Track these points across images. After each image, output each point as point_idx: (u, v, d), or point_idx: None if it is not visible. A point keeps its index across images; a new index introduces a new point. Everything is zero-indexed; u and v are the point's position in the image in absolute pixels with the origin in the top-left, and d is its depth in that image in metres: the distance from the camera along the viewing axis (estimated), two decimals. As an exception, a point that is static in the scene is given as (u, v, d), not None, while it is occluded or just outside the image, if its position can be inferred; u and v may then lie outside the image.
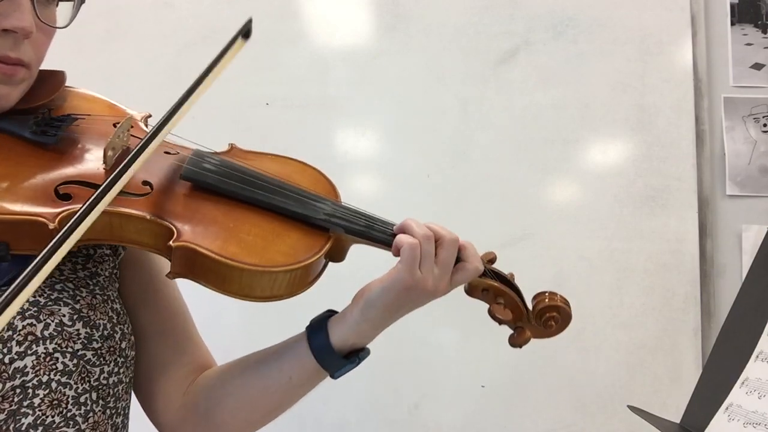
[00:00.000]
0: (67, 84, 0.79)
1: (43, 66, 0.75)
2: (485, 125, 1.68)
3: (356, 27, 1.72)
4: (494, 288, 0.79)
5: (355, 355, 0.75)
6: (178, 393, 0.82)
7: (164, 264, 0.86)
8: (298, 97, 1.68)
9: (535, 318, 0.80)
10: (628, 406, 0.95)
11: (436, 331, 1.61)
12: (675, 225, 1.64)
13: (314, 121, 1.68)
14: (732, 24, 1.73)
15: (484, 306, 0.82)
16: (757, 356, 0.79)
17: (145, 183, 0.70)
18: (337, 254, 0.76)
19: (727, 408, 0.78)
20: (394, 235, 0.74)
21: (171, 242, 0.65)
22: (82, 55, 1.67)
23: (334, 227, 0.73)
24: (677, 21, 1.69)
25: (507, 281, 0.81)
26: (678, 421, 0.87)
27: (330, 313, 0.77)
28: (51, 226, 0.62)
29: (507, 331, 0.84)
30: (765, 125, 1.69)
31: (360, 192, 1.65)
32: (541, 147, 1.66)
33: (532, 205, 1.65)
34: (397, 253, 0.73)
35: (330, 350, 0.74)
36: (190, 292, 0.89)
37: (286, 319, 0.81)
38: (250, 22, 0.80)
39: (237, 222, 0.70)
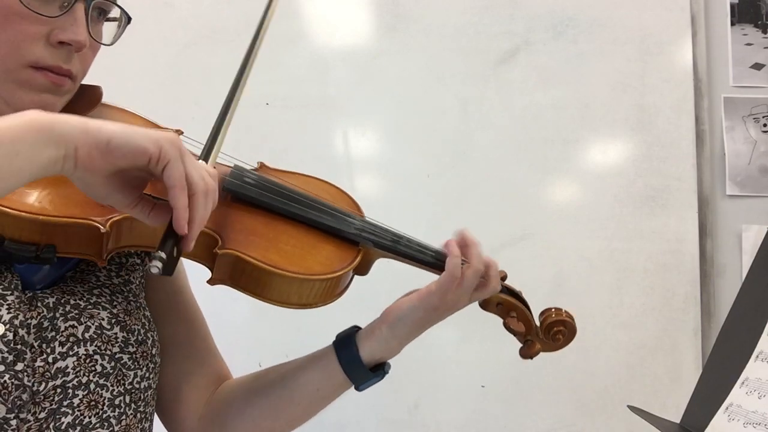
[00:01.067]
0: (108, 102, 0.81)
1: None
2: (485, 125, 1.68)
3: (356, 27, 1.72)
4: (508, 302, 0.85)
5: (381, 369, 0.81)
6: (199, 403, 0.84)
7: (185, 274, 0.90)
8: (298, 97, 1.68)
9: (543, 332, 0.86)
10: (628, 406, 0.95)
11: (437, 331, 1.61)
12: (675, 225, 1.64)
13: (314, 121, 1.68)
14: (732, 24, 1.73)
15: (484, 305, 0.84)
16: (757, 356, 0.79)
17: None
18: (363, 267, 0.81)
19: (727, 408, 0.78)
20: (421, 251, 0.80)
21: (216, 249, 0.69)
22: (82, 55, 1.66)
23: (364, 241, 0.79)
24: (677, 21, 1.69)
25: (519, 297, 0.86)
26: (678, 421, 0.87)
27: (356, 329, 0.82)
28: (103, 230, 0.64)
29: (506, 327, 0.86)
30: (765, 125, 1.69)
31: (360, 192, 1.65)
32: (541, 147, 1.66)
33: (532, 205, 1.65)
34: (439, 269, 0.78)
35: (359, 364, 0.79)
36: (195, 288, 0.90)
37: (288, 321, 0.82)
38: None
39: (276, 233, 0.75)
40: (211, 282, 0.72)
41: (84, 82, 0.78)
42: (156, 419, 0.84)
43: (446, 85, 1.69)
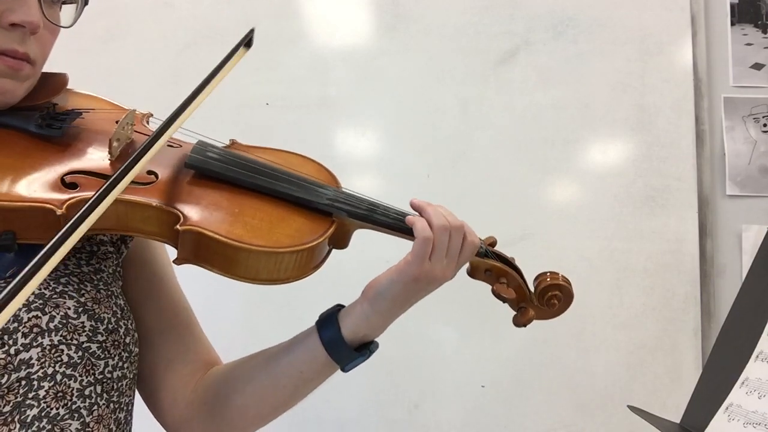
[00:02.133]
0: (71, 88, 0.80)
1: (44, 67, 0.76)
2: (485, 125, 1.68)
3: (356, 27, 1.72)
4: (496, 268, 0.81)
5: (366, 348, 0.76)
6: (185, 390, 0.83)
7: (167, 261, 0.88)
8: (298, 97, 1.68)
9: (537, 298, 0.82)
10: (628, 406, 0.95)
11: (437, 331, 1.61)
12: (675, 225, 1.64)
13: (314, 121, 1.68)
14: (732, 24, 1.73)
15: (485, 306, 0.83)
16: (757, 356, 0.79)
17: (150, 172, 0.71)
18: (340, 240, 0.78)
19: (727, 408, 0.78)
20: (399, 219, 0.76)
21: (178, 226, 0.67)
22: (82, 55, 1.67)
23: (337, 211, 0.75)
24: (677, 21, 1.69)
25: (508, 262, 0.83)
26: (678, 421, 0.87)
27: (338, 307, 0.78)
28: (59, 212, 0.63)
29: (507, 329, 0.84)
30: (765, 125, 1.69)
31: (360, 192, 1.64)
32: (541, 147, 1.66)
33: (532, 205, 1.65)
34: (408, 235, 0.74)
35: (341, 343, 0.75)
36: (189, 288, 0.90)
37: (284, 313, 0.82)
38: (252, 32, 0.82)
39: (242, 207, 0.72)
40: (177, 261, 0.69)
41: (84, 80, 0.78)
42: (144, 409, 0.84)
43: (446, 85, 1.69)
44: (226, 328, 1.57)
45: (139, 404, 0.82)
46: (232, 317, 1.59)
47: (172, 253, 0.71)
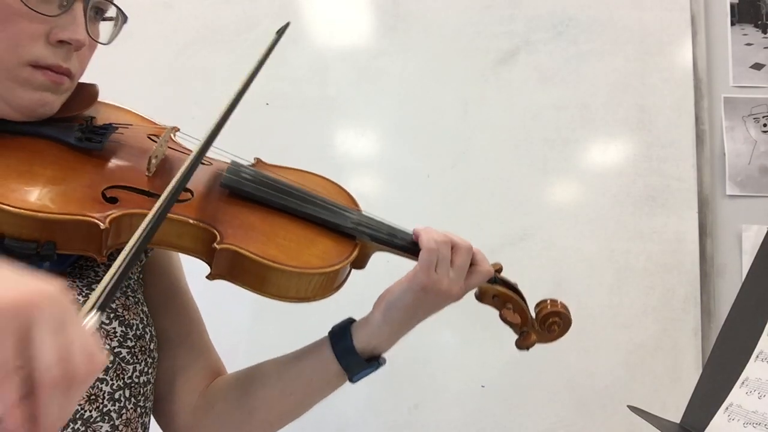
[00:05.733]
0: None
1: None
2: (485, 125, 1.67)
3: (356, 27, 1.72)
4: (503, 294, 0.86)
5: (375, 360, 0.80)
6: (193, 397, 0.84)
7: (182, 270, 0.90)
8: (298, 97, 1.68)
9: (539, 323, 0.87)
10: (628, 406, 0.95)
11: (437, 332, 1.61)
12: (675, 225, 1.64)
13: (314, 121, 1.68)
14: (732, 24, 1.73)
15: (485, 307, 0.87)
16: (757, 356, 0.79)
17: (186, 190, 0.73)
18: (360, 261, 0.82)
19: (727, 408, 0.78)
20: (414, 243, 0.80)
21: (215, 244, 0.69)
22: (82, 55, 1.66)
23: (360, 235, 0.79)
24: (677, 21, 1.69)
25: (514, 288, 0.87)
26: (678, 421, 0.87)
27: (350, 320, 0.82)
28: (103, 226, 0.64)
29: (507, 330, 0.88)
30: (765, 125, 1.69)
31: (360, 192, 1.64)
32: (541, 147, 1.66)
33: (532, 205, 1.65)
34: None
35: (353, 353, 0.78)
36: (195, 292, 0.90)
37: (290, 320, 0.83)
38: (287, 25, 0.90)
39: (273, 227, 0.75)
40: (210, 277, 0.72)
41: (84, 80, 0.78)
42: None
43: (446, 85, 1.69)
44: (231, 333, 1.57)
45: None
46: (237, 322, 1.59)
47: (197, 267, 0.73)
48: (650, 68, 1.68)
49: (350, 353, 0.78)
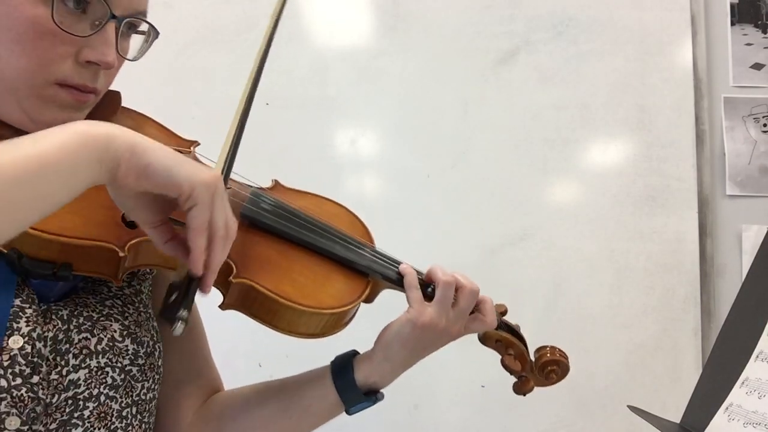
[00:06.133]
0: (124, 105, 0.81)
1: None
2: (485, 125, 1.67)
3: (356, 27, 1.72)
4: (506, 340, 0.87)
5: (374, 395, 0.81)
6: (189, 411, 0.85)
7: None
8: (298, 97, 1.68)
9: (538, 370, 0.89)
10: (628, 406, 0.95)
11: (436, 331, 1.61)
12: (675, 225, 1.64)
13: (314, 121, 1.68)
14: (732, 24, 1.73)
15: None
16: (757, 356, 0.79)
17: None
18: (370, 298, 0.82)
19: (727, 408, 0.78)
20: (423, 284, 0.81)
21: (231, 278, 0.69)
22: (82, 55, 1.66)
23: (373, 273, 0.79)
24: (677, 21, 1.69)
25: (517, 334, 0.89)
26: (678, 421, 0.87)
27: (353, 353, 0.83)
28: (121, 254, 0.64)
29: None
30: (765, 125, 1.69)
31: (360, 192, 1.65)
32: (541, 147, 1.66)
33: (532, 205, 1.65)
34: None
35: (354, 387, 0.80)
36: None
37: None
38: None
39: (289, 262, 0.75)
40: (223, 307, 0.72)
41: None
42: None
43: (446, 85, 1.69)
44: (231, 335, 1.57)
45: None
46: (237, 323, 1.58)
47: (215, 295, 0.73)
48: (650, 68, 1.68)
49: (350, 387, 0.80)
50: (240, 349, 1.53)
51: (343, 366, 0.81)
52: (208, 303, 0.91)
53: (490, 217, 1.64)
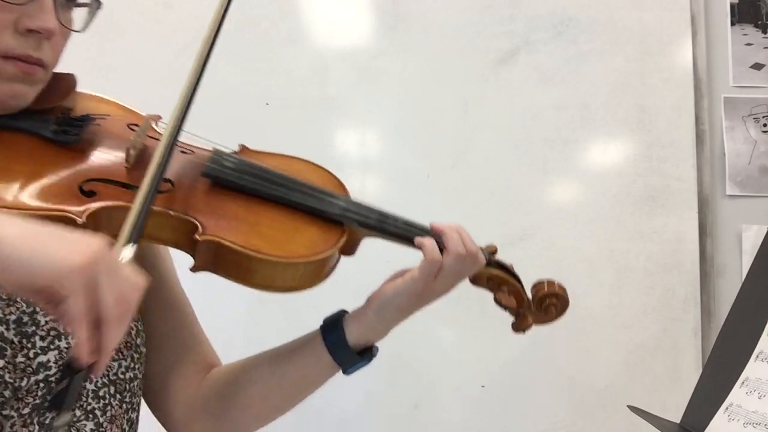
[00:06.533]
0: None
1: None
2: (485, 125, 1.67)
3: (356, 27, 1.72)
4: (498, 277, 0.84)
5: (368, 352, 0.79)
6: (187, 391, 0.84)
7: (171, 264, 0.89)
8: (298, 97, 1.68)
9: (535, 305, 0.85)
10: (628, 406, 0.95)
11: (437, 331, 1.61)
12: (675, 225, 1.64)
13: (314, 121, 1.68)
14: (732, 24, 1.73)
15: (483, 306, 0.85)
16: (757, 356, 0.79)
17: (166, 180, 0.71)
18: (349, 248, 0.79)
19: (727, 408, 0.78)
20: (408, 231, 0.78)
21: (196, 236, 0.67)
22: (82, 55, 1.66)
23: (348, 221, 0.77)
24: (677, 21, 1.69)
25: (510, 271, 0.85)
26: (678, 421, 0.87)
27: (342, 313, 0.80)
28: (79, 221, 0.63)
29: (507, 329, 0.86)
30: (765, 125, 1.69)
31: (360, 192, 1.64)
32: (541, 147, 1.66)
33: (532, 205, 1.65)
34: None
35: (345, 347, 0.77)
36: (191, 289, 0.90)
37: (286, 314, 0.83)
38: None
39: (258, 217, 0.73)
40: (193, 269, 0.70)
41: (84, 80, 0.78)
42: (146, 409, 0.84)
43: (446, 85, 1.69)
44: (228, 328, 1.57)
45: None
46: (234, 317, 1.59)
47: (185, 259, 0.71)
48: (650, 68, 1.68)
49: (342, 347, 0.77)
50: (237, 345, 1.53)
51: (334, 327, 0.78)
52: (201, 297, 0.91)
53: (490, 217, 1.64)
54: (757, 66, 1.71)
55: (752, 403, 0.75)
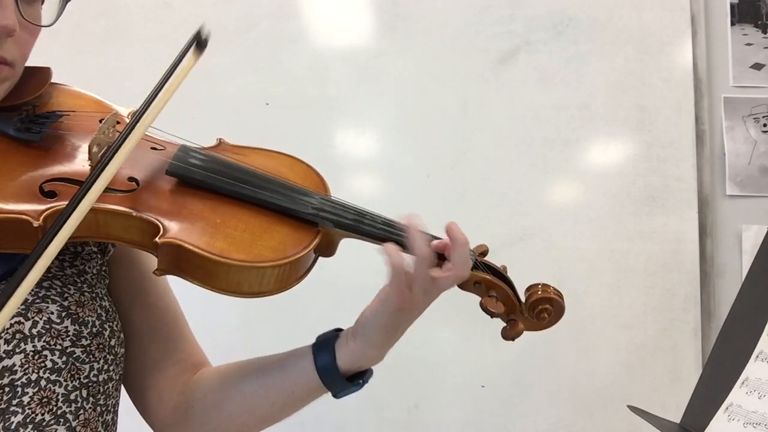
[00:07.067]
0: (59, 82, 0.78)
1: (43, 65, 0.75)
2: (485, 125, 1.68)
3: (356, 27, 1.72)
4: (486, 281, 0.77)
5: (360, 378, 0.75)
6: (172, 391, 0.82)
7: (153, 261, 0.87)
8: (298, 97, 1.68)
9: (528, 310, 0.79)
10: (628, 406, 0.95)
11: (436, 331, 1.61)
12: (675, 225, 1.64)
13: (314, 121, 1.68)
14: (732, 24, 1.73)
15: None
16: (757, 356, 0.79)
17: (131, 179, 0.69)
18: (326, 249, 0.75)
19: (727, 408, 0.78)
20: (387, 231, 0.72)
21: (157, 239, 0.65)
22: (82, 55, 1.67)
23: (322, 221, 0.72)
24: (677, 21, 1.69)
25: (499, 274, 0.79)
26: (678, 421, 0.87)
27: (336, 332, 0.76)
28: (35, 224, 0.61)
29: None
30: (765, 125, 1.69)
31: (360, 192, 1.65)
32: (541, 147, 1.66)
33: (532, 205, 1.65)
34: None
35: (335, 373, 0.73)
36: (185, 291, 0.89)
37: (283, 319, 0.82)
38: (200, 30, 0.78)
39: (224, 217, 0.69)
40: (157, 272, 0.67)
41: (84, 80, 0.77)
42: (132, 409, 0.83)
43: (446, 85, 1.69)
44: (223, 333, 1.57)
45: (126, 403, 0.82)
46: (229, 322, 1.59)
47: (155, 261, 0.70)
48: (650, 68, 1.68)
49: (332, 373, 0.73)
50: (234, 350, 1.53)
51: (325, 349, 0.74)
52: (195, 305, 0.91)
53: (490, 217, 1.64)
54: (757, 66, 1.71)
55: (752, 403, 0.75)
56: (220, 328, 1.53)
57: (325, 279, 0.76)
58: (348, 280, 0.79)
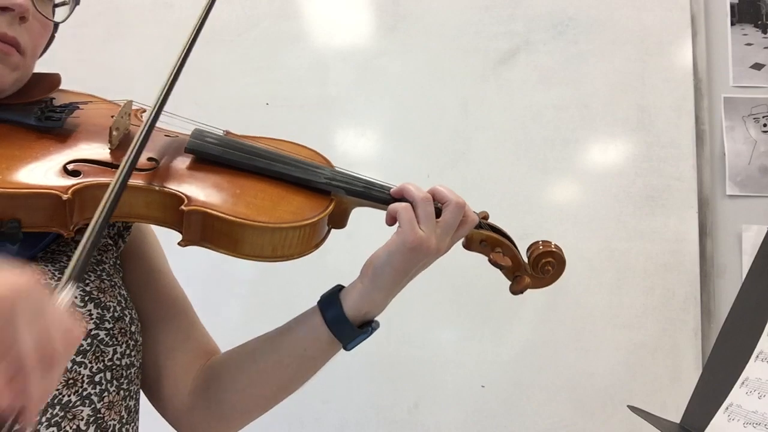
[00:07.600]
0: (66, 89, 0.81)
1: (44, 68, 0.77)
2: (485, 125, 1.68)
3: (356, 27, 1.72)
4: (491, 239, 0.84)
5: (368, 326, 0.77)
6: (186, 378, 0.83)
7: (162, 253, 0.89)
8: (298, 97, 1.68)
9: (531, 266, 0.85)
10: (628, 406, 0.95)
11: (436, 331, 1.61)
12: (675, 225, 1.64)
13: (314, 121, 1.68)
14: (732, 24, 1.73)
15: (485, 307, 0.84)
16: (757, 356, 0.79)
17: (151, 159, 0.72)
18: (339, 219, 0.80)
19: (727, 408, 0.78)
20: (393, 197, 0.78)
21: (183, 207, 0.68)
22: (82, 55, 1.67)
23: (335, 189, 0.77)
24: (677, 21, 1.69)
25: (503, 232, 0.86)
26: (678, 421, 0.87)
27: (339, 287, 0.79)
28: (64, 197, 0.63)
29: (507, 330, 0.84)
30: (765, 125, 1.69)
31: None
32: (541, 147, 1.66)
33: (532, 205, 1.65)
34: (392, 222, 0.77)
35: (344, 320, 0.75)
36: (188, 288, 0.90)
37: (283, 319, 0.82)
38: None
39: (243, 188, 0.73)
40: (182, 243, 0.70)
41: (84, 80, 0.78)
42: (144, 399, 0.83)
43: (446, 85, 1.69)
44: (223, 333, 1.57)
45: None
46: (229, 322, 1.59)
47: (181, 260, 0.71)
48: (650, 68, 1.68)
49: (341, 322, 0.75)
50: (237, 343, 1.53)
51: (331, 302, 0.77)
52: (198, 302, 0.91)
53: (490, 216, 1.64)
54: (757, 66, 1.71)
55: (752, 403, 0.75)
56: (221, 328, 1.52)
57: (326, 279, 0.77)
58: (349, 281, 0.79)
